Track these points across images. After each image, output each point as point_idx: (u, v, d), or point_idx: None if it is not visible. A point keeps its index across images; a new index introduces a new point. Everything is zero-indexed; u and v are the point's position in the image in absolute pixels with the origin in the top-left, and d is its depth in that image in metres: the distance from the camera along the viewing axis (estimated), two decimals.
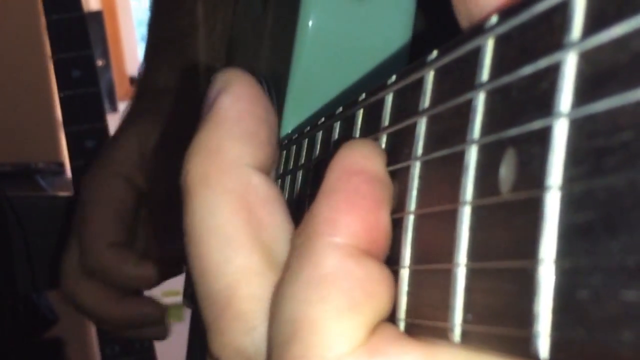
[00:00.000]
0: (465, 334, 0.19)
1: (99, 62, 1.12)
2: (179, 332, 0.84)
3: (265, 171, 0.27)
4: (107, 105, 1.16)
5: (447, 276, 0.20)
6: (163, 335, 0.83)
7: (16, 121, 1.97)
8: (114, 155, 0.79)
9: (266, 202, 0.27)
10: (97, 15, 2.48)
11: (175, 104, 0.79)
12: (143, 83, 0.84)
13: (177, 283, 0.80)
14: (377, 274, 0.23)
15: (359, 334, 0.22)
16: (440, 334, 0.20)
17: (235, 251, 0.26)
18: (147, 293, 0.83)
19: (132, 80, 3.35)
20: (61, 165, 1.82)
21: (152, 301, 0.80)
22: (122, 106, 3.14)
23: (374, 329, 0.22)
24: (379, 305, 0.22)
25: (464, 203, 0.20)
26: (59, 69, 1.10)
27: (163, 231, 0.77)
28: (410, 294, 0.23)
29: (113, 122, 1.12)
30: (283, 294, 0.23)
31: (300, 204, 0.37)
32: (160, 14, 0.88)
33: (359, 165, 0.24)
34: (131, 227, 0.78)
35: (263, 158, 0.27)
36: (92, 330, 1.96)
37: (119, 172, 0.77)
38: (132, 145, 0.78)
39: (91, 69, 1.11)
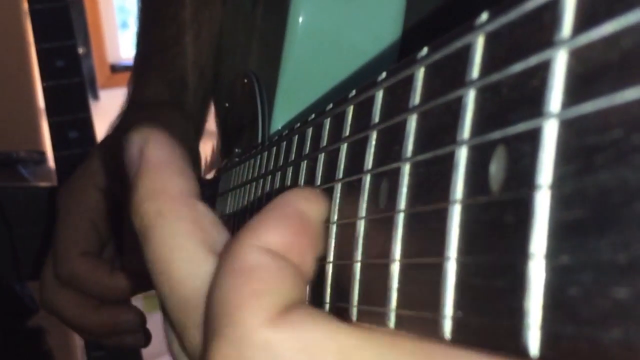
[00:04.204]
0: (455, 330, 0.19)
1: (80, 50, 1.11)
2: (156, 321, 0.83)
3: (200, 199, 0.32)
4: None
5: (437, 272, 0.20)
6: (142, 343, 0.82)
7: None
8: (90, 166, 0.79)
9: (213, 223, 0.32)
10: (78, 3, 2.47)
11: (163, 116, 0.79)
12: (132, 95, 0.84)
13: None
14: (289, 269, 0.28)
15: (273, 310, 0.26)
16: (430, 329, 0.20)
17: (199, 262, 0.30)
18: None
19: (113, 67, 3.32)
20: (43, 154, 1.80)
21: (131, 308, 0.80)
22: (103, 94, 3.10)
23: (290, 308, 0.27)
24: (290, 290, 0.27)
25: (454, 200, 0.20)
26: (43, 58, 1.08)
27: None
28: (400, 290, 0.23)
29: (94, 110, 1.11)
30: (213, 283, 0.28)
31: None
32: (146, 24, 0.88)
33: (297, 203, 0.29)
34: (106, 237, 0.78)
35: (197, 189, 0.32)
36: None
37: (94, 183, 0.77)
38: (110, 154, 0.77)
39: (75, 59, 1.09)
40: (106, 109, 1.45)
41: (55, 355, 1.30)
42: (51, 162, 1.74)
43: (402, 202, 0.23)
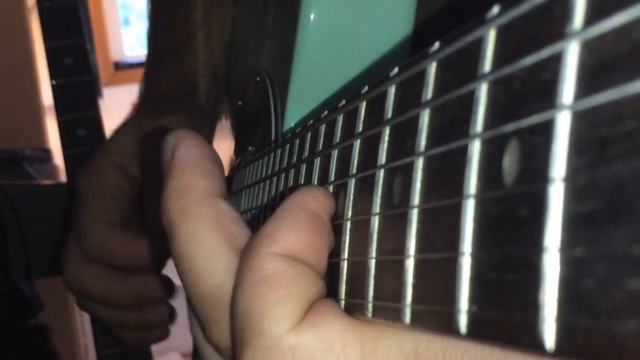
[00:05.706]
0: (470, 324, 0.19)
1: None
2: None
3: (225, 199, 0.34)
4: None
5: (452, 266, 0.20)
6: (166, 317, 0.82)
7: (1, 108, 1.94)
8: (108, 147, 0.80)
9: (235, 220, 0.33)
10: (81, 0, 2.48)
11: (177, 114, 0.79)
12: (144, 95, 0.85)
13: None
14: (307, 271, 0.29)
15: (296, 315, 0.28)
16: (446, 323, 0.20)
17: (218, 258, 0.32)
18: None
19: (117, 65, 3.32)
20: (48, 151, 1.80)
21: (158, 276, 0.79)
22: (107, 92, 3.11)
23: (310, 309, 0.28)
24: (310, 291, 0.29)
25: (468, 195, 0.20)
26: (52, 56, 1.09)
27: (154, 218, 0.77)
28: (415, 285, 0.23)
29: None
30: (236, 293, 0.30)
31: None
32: (157, 25, 0.88)
33: (307, 204, 0.30)
34: (127, 214, 0.78)
35: (222, 189, 0.34)
36: (76, 317, 1.95)
37: (113, 161, 0.78)
38: (128, 137, 0.78)
39: (84, 56, 1.10)
40: (110, 107, 1.45)
41: (59, 353, 1.31)
42: (56, 159, 1.75)
43: (416, 198, 0.23)
